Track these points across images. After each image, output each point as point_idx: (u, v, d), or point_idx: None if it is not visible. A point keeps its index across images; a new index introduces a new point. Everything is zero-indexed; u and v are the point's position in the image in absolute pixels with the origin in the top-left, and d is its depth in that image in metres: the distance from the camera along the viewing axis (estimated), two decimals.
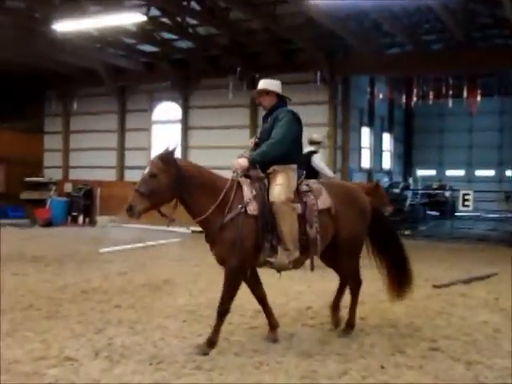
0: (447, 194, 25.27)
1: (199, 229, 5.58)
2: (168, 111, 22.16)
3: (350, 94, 19.60)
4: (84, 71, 21.97)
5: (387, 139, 28.51)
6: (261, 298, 5.85)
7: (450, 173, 33.73)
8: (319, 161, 10.84)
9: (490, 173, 32.88)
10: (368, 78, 22.70)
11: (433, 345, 5.63)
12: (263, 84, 5.86)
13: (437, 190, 26.17)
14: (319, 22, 15.34)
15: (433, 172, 33.98)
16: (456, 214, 22.59)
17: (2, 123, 23.06)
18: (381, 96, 24.20)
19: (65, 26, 15.29)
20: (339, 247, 5.81)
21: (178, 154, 5.48)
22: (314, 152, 10.90)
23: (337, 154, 19.08)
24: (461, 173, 33.59)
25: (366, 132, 24.18)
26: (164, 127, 22.21)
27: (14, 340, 5.56)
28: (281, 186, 5.40)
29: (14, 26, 16.86)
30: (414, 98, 25.36)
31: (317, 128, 18.92)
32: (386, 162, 28.31)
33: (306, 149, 11.29)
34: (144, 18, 14.78)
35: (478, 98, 24.38)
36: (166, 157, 5.23)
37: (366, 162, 23.87)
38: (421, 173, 32.53)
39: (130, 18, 14.80)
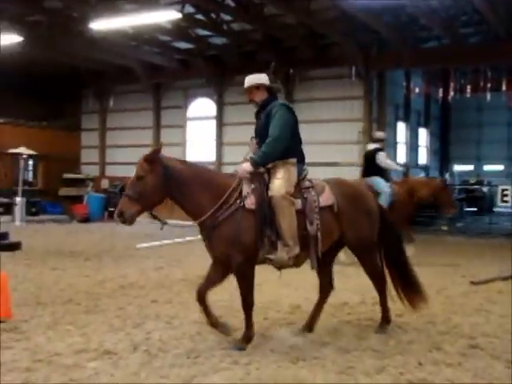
0: (485, 189, 24.86)
1: None
2: (203, 108, 22.27)
3: (385, 89, 19.41)
4: (120, 69, 22.23)
5: (423, 134, 28.15)
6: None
7: (488, 168, 33.15)
8: (384, 158, 10.83)
9: None
10: (403, 72, 22.43)
11: (471, 342, 5.55)
12: (251, 80, 5.70)
13: (474, 186, 25.76)
14: (354, 16, 15.22)
15: (470, 167, 33.44)
16: (494, 209, 22.21)
17: (41, 122, 23.53)
18: (417, 90, 23.88)
19: (101, 25, 15.48)
20: (350, 249, 5.76)
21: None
22: (379, 149, 10.88)
23: None
24: (499, 168, 32.95)
25: (401, 127, 23.92)
26: (199, 124, 22.34)
27: (56, 333, 5.68)
28: (280, 180, 5.31)
29: (52, 26, 17.16)
30: (451, 92, 24.90)
31: (351, 123, 18.87)
32: (422, 158, 27.96)
33: (370, 146, 11.27)
34: (179, 15, 14.88)
35: None
36: (151, 157, 5.16)
37: (401, 157, 23.61)
38: (458, 168, 32.06)
39: (165, 16, 14.92)
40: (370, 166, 10.90)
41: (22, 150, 20.49)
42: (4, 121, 22.30)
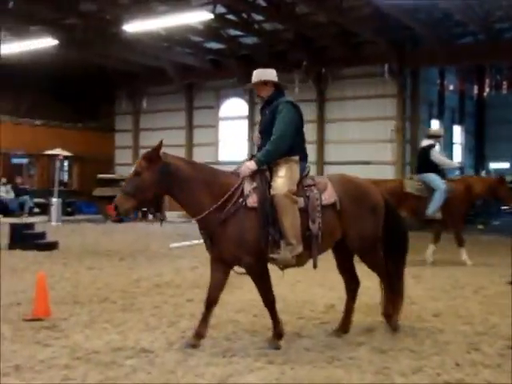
0: None
1: None
2: (234, 107, 22.34)
3: (419, 87, 19.24)
4: (153, 70, 22.45)
5: (458, 132, 27.74)
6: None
7: None
8: (438, 154, 10.71)
9: None
10: (438, 69, 22.15)
11: (510, 343, 5.45)
12: (258, 74, 5.57)
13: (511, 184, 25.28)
14: (386, 13, 15.10)
15: (506, 165, 32.78)
16: None
17: (76, 123, 23.89)
18: (451, 87, 23.57)
19: (134, 27, 15.68)
20: (351, 249, 5.62)
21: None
22: (433, 146, 10.77)
23: (406, 147, 18.75)
24: None
25: (435, 125, 23.59)
26: (231, 123, 22.41)
27: (93, 331, 5.76)
28: (283, 178, 5.23)
29: (87, 29, 17.42)
30: (487, 89, 24.51)
31: (383, 122, 18.74)
32: (457, 155, 27.54)
33: (424, 142, 11.17)
34: (211, 16, 14.97)
35: None
36: (150, 155, 5.19)
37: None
38: (494, 166, 31.48)
39: (197, 17, 15.04)
40: (424, 162, 10.75)
41: (58, 151, 20.85)
42: (40, 123, 22.71)
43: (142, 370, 4.59)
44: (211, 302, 5.42)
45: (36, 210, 21.29)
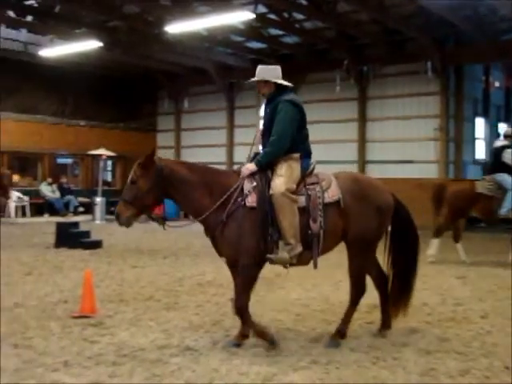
0: None
1: None
2: None
3: (463, 84, 18.88)
4: (194, 70, 22.62)
5: (504, 129, 27.11)
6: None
7: None
8: (510, 155, 10.50)
9: None
10: (482, 65, 21.71)
11: None
12: (260, 72, 5.48)
13: None
14: (429, 10, 14.87)
15: None
16: None
17: (118, 123, 24.26)
18: (497, 84, 23.03)
19: (176, 28, 15.80)
20: (347, 244, 5.44)
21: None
22: (508, 146, 10.60)
23: (449, 146, 18.46)
24: None
25: (480, 122, 23.12)
26: None
27: (138, 329, 5.85)
28: (281, 177, 5.15)
29: (130, 31, 17.67)
30: None
31: (426, 120, 18.47)
32: None
33: (498, 143, 11.01)
34: (252, 16, 14.98)
35: None
36: (144, 161, 5.21)
37: (480, 154, 22.85)
38: None
39: (239, 16, 15.06)
40: (497, 162, 10.58)
41: (101, 151, 21.20)
42: (84, 123, 23.13)
43: (186, 368, 4.63)
44: (242, 309, 5.37)
45: (80, 209, 21.70)
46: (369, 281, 5.69)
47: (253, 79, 5.50)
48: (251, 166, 5.27)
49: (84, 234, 12.81)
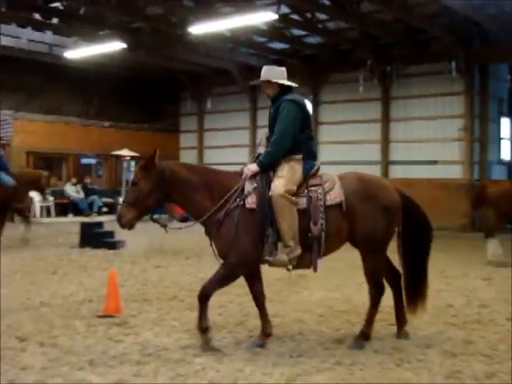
0: None
1: None
2: None
3: (487, 83, 18.65)
4: (217, 71, 22.67)
5: None
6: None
7: None
8: None
9: None
10: (508, 65, 21.42)
11: None
12: (265, 73, 5.49)
13: None
14: (454, 9, 14.72)
15: None
16: None
17: (142, 124, 24.42)
18: None
19: (199, 29, 15.85)
20: (357, 246, 5.40)
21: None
22: None
23: (474, 146, 18.25)
24: None
25: (505, 122, 22.83)
26: None
27: (162, 329, 5.89)
28: (282, 178, 5.10)
29: (153, 32, 17.77)
30: None
31: (451, 120, 18.28)
32: None
33: None
34: (275, 16, 14.96)
35: None
36: (145, 164, 5.24)
37: (506, 154, 22.56)
38: None
39: (262, 17, 15.04)
40: None
41: (125, 151, 21.34)
42: (108, 124, 23.32)
43: (210, 368, 4.66)
44: (258, 305, 5.52)
45: (104, 209, 21.86)
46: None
47: (257, 80, 5.53)
48: (253, 167, 5.25)
49: (108, 233, 12.91)
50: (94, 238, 12.38)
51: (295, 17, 17.04)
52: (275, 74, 5.49)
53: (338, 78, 20.30)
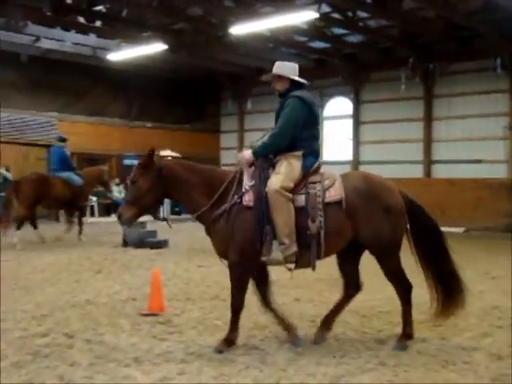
0: None
1: None
2: (339, 106, 22.19)
3: None
4: (257, 71, 22.68)
5: None
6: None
7: None
8: None
9: None
10: None
11: None
12: (276, 68, 5.44)
13: None
14: (497, 5, 14.42)
15: None
16: None
17: (183, 124, 24.65)
18: None
19: (240, 29, 15.91)
20: (367, 249, 5.29)
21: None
22: None
23: None
24: None
25: None
26: (335, 123, 22.27)
27: (205, 328, 5.95)
28: (279, 174, 5.04)
29: (194, 33, 17.93)
30: None
31: (495, 118, 17.93)
32: None
33: None
34: (315, 15, 14.92)
35: None
36: (144, 161, 5.24)
37: None
38: None
39: (302, 16, 15.02)
40: None
41: (167, 152, 21.55)
42: (151, 125, 23.62)
43: (254, 368, 4.68)
44: (264, 305, 5.56)
45: None
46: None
47: (268, 74, 5.53)
48: (247, 154, 5.22)
49: (150, 233, 13.08)
50: (136, 237, 12.56)
51: (336, 15, 16.95)
52: (286, 69, 5.47)
53: (379, 77, 20.13)
